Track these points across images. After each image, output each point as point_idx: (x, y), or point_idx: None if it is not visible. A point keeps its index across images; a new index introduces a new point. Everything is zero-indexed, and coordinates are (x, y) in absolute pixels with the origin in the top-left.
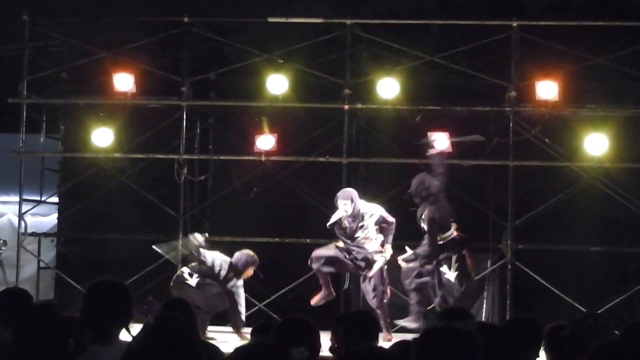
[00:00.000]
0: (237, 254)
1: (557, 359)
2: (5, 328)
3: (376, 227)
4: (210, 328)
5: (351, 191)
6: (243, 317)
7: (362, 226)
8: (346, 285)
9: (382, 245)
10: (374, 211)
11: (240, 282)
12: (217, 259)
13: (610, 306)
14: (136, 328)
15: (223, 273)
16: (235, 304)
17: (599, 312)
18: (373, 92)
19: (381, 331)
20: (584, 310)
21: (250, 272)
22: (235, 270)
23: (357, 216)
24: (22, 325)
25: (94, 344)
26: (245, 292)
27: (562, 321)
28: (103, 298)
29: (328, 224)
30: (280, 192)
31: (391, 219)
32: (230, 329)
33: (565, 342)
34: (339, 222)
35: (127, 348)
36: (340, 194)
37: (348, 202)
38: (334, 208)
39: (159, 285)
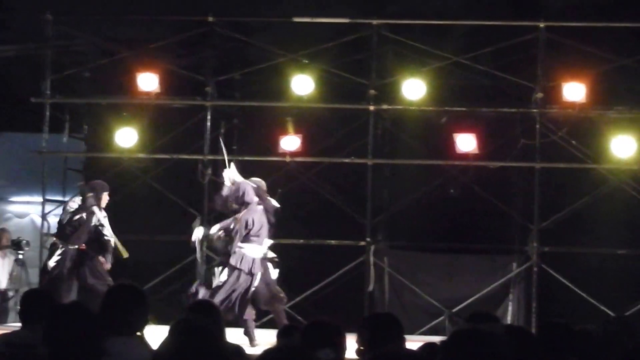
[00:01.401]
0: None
1: None
2: (30, 328)
3: None
4: None
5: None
6: None
7: None
8: (371, 287)
9: None
10: None
11: None
12: None
13: (637, 309)
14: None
15: None
16: None
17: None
18: (398, 92)
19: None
20: (610, 313)
21: None
22: None
23: None
24: (52, 325)
25: (116, 337)
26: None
27: (589, 324)
28: (121, 302)
29: None
30: (305, 193)
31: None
32: None
33: (593, 345)
34: None
35: (155, 352)
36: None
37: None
38: (357, 209)
39: (182, 286)
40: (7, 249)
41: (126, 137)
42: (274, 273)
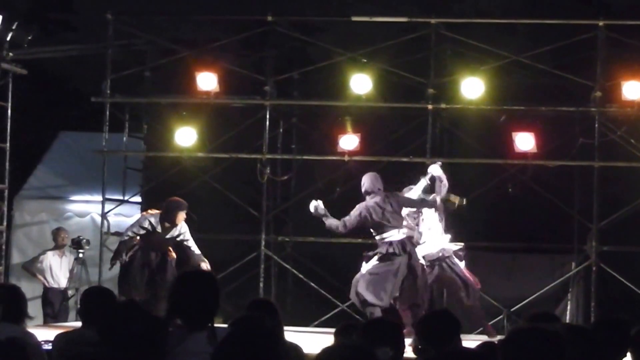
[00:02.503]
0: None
1: None
2: (90, 326)
3: None
4: None
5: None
6: None
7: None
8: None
9: None
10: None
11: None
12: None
13: None
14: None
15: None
16: None
17: None
18: (457, 91)
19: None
20: None
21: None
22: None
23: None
24: (109, 323)
25: (186, 332)
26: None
27: None
28: (192, 287)
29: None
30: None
31: None
32: None
33: None
34: None
35: (215, 349)
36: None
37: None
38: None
39: (242, 285)
40: (66, 248)
41: (185, 136)
42: None
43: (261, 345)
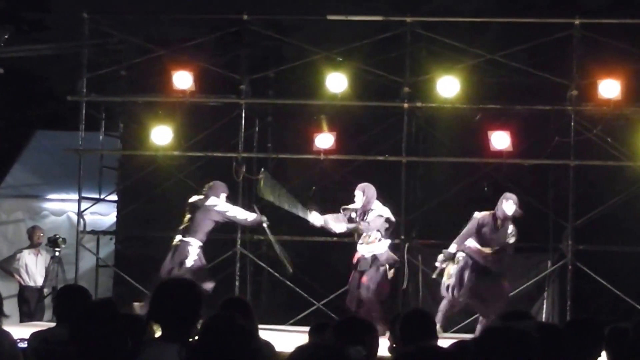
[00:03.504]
0: None
1: (618, 359)
2: (65, 325)
3: (380, 230)
4: None
5: (366, 185)
6: None
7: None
8: (404, 285)
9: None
10: (381, 212)
11: None
12: None
13: None
14: None
15: None
16: None
17: None
18: (433, 90)
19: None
20: None
21: None
22: None
23: (364, 212)
24: (81, 323)
25: (159, 341)
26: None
27: (623, 322)
28: (173, 296)
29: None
30: (339, 191)
31: (393, 219)
32: None
33: (627, 342)
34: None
35: (188, 347)
36: (361, 185)
37: (359, 194)
38: (391, 207)
39: (217, 284)
40: (42, 246)
41: (161, 135)
42: None
43: (233, 343)
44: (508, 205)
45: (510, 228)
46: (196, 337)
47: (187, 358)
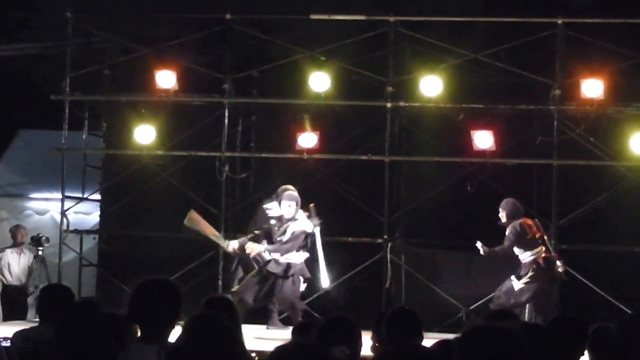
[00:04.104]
0: None
1: (601, 359)
2: (47, 324)
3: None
4: None
5: (297, 197)
6: None
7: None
8: (388, 284)
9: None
10: (304, 227)
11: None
12: None
13: None
14: None
15: None
16: None
17: None
18: (416, 90)
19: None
20: (628, 311)
21: None
22: None
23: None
24: (65, 322)
25: (138, 342)
26: None
27: (606, 322)
28: (153, 297)
29: (270, 214)
30: (322, 190)
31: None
32: None
33: (610, 342)
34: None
35: (171, 346)
36: (288, 194)
37: (293, 204)
38: (375, 206)
39: (200, 283)
40: (25, 245)
41: (144, 134)
42: None
43: (219, 343)
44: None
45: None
46: (178, 337)
47: (169, 357)
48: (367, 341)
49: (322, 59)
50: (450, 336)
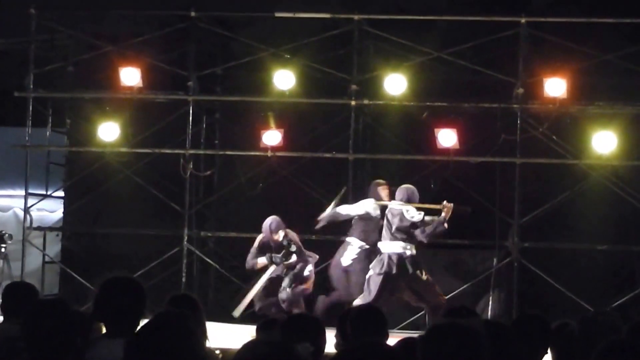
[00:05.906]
0: None
1: (563, 356)
2: (11, 321)
3: None
4: None
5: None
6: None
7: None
8: None
9: None
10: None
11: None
12: None
13: (617, 305)
14: None
15: None
16: None
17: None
18: (380, 88)
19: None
20: (590, 308)
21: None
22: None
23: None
24: (31, 319)
25: (104, 338)
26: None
27: (568, 319)
28: (117, 294)
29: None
30: (286, 188)
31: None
32: None
33: (573, 339)
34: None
35: (129, 342)
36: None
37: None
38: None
39: (164, 281)
40: None
41: (108, 132)
42: None
43: (182, 341)
44: None
45: None
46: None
47: (130, 351)
48: (331, 338)
49: (287, 57)
50: (413, 334)
